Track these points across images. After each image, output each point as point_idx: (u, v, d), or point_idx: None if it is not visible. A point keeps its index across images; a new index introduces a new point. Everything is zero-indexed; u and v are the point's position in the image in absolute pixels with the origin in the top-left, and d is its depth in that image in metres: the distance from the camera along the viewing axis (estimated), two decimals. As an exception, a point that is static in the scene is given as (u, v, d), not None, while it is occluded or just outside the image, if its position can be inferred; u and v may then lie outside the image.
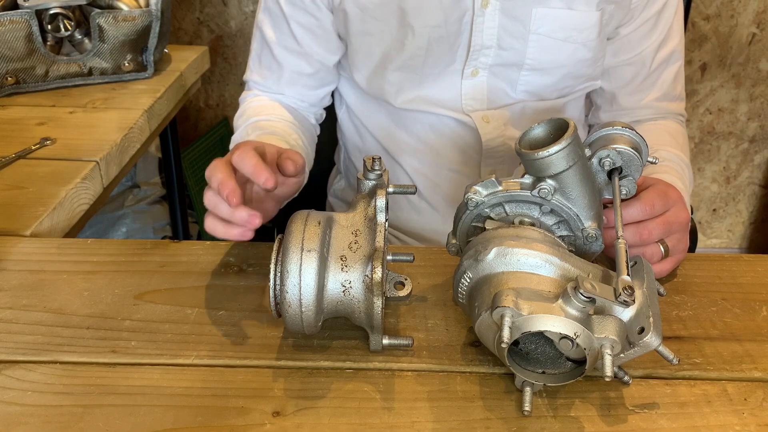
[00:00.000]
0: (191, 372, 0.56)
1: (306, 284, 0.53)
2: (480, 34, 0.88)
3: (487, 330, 0.52)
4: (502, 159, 0.98)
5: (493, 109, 0.95)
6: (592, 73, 0.95)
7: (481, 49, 0.89)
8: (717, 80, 1.91)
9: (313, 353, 0.58)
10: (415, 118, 0.97)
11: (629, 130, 0.61)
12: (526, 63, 0.91)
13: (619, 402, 0.54)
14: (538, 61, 0.90)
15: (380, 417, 0.52)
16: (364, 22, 0.90)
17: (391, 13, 0.88)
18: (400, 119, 0.98)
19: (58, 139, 1.00)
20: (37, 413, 0.52)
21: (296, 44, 0.94)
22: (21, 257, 0.71)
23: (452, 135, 0.97)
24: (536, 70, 0.91)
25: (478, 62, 0.91)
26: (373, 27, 0.90)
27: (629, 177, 0.61)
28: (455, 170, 1.00)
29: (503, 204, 0.59)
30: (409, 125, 0.98)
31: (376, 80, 0.95)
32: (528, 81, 0.93)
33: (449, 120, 0.96)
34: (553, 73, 0.92)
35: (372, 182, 0.58)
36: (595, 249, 0.60)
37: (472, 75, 0.92)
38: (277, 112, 0.95)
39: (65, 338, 0.60)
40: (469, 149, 0.98)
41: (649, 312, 0.51)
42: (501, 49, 0.89)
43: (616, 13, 0.90)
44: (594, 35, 0.89)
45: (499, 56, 0.90)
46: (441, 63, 0.91)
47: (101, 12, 1.17)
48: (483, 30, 0.88)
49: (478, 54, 0.90)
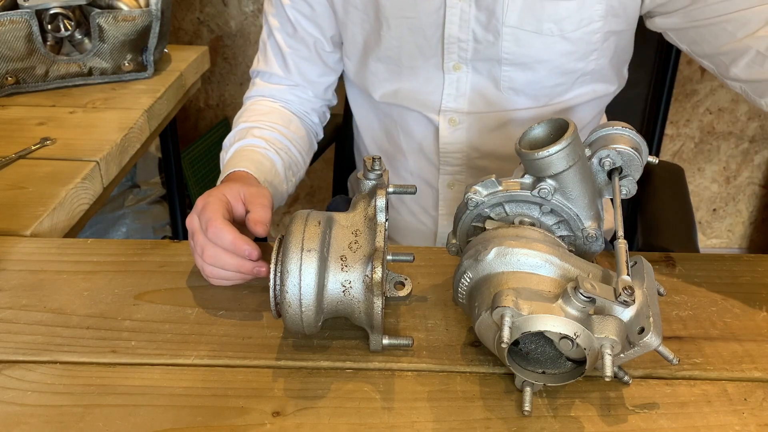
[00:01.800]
0: (191, 372, 0.56)
1: (306, 284, 0.53)
2: (453, 26, 0.87)
3: (487, 330, 0.52)
4: (460, 168, 0.96)
5: (474, 113, 0.92)
6: (587, 69, 0.89)
7: (456, 42, 0.88)
8: (717, 80, 1.91)
9: (313, 353, 0.58)
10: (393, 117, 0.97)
11: (629, 130, 0.61)
12: (504, 57, 0.87)
13: (619, 402, 0.54)
14: (514, 55, 0.87)
15: (380, 417, 0.52)
16: (347, 11, 0.91)
17: (370, 3, 0.89)
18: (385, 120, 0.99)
19: (58, 139, 1.00)
20: (37, 413, 0.52)
21: (293, 29, 0.95)
22: (21, 257, 0.71)
23: (420, 137, 0.96)
24: (515, 65, 0.88)
25: (456, 56, 0.89)
26: (355, 16, 0.91)
27: (629, 177, 0.61)
28: (418, 176, 0.99)
29: (503, 204, 0.59)
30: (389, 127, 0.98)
31: (361, 71, 0.95)
32: (511, 77, 0.89)
33: (421, 119, 0.95)
34: (535, 69, 0.88)
35: (372, 182, 0.58)
36: (595, 249, 0.60)
37: (454, 69, 0.90)
38: (272, 119, 0.95)
39: (65, 338, 0.60)
40: (432, 154, 0.97)
41: (649, 312, 0.51)
42: (477, 42, 0.87)
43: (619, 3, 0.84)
44: (573, 26, 0.85)
45: (477, 50, 0.88)
46: (419, 56, 0.90)
47: (101, 12, 1.17)
48: (456, 22, 0.86)
49: (455, 47, 0.88)
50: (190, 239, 0.68)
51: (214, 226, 0.63)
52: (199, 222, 0.66)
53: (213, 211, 0.65)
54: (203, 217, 0.65)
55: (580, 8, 0.84)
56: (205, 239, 0.64)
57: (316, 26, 0.95)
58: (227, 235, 0.63)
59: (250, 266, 0.63)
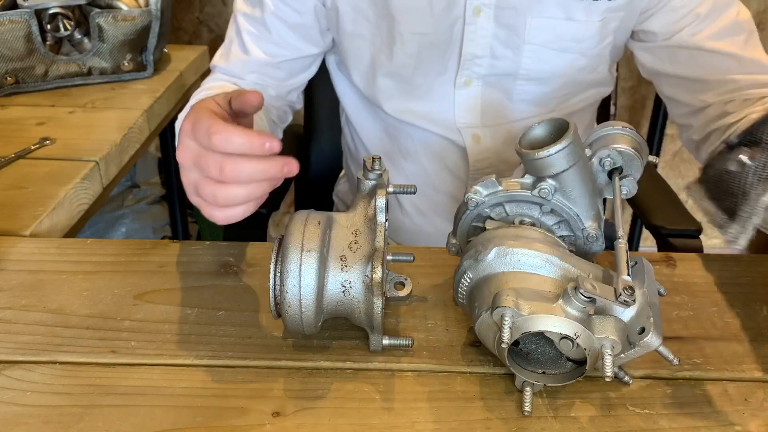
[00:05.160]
0: (191, 372, 0.56)
1: (306, 284, 0.53)
2: (471, 43, 0.85)
3: (487, 330, 0.52)
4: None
5: (488, 126, 0.92)
6: (594, 79, 0.92)
7: (473, 59, 0.87)
8: (717, 80, 1.91)
9: (313, 353, 0.58)
10: (407, 132, 0.95)
11: (629, 129, 0.61)
12: (521, 73, 0.88)
13: (620, 402, 0.54)
14: (533, 71, 0.88)
15: (380, 417, 0.52)
16: (356, 22, 0.88)
17: (382, 16, 0.86)
18: (393, 131, 0.97)
19: (57, 139, 1.00)
20: (36, 413, 0.52)
21: (268, 33, 0.90)
22: (21, 257, 0.71)
23: (441, 152, 0.95)
24: (532, 80, 0.89)
25: (471, 72, 0.88)
26: (365, 29, 0.88)
27: (630, 177, 0.61)
28: (442, 191, 0.98)
29: (503, 204, 0.59)
30: (401, 139, 0.96)
31: (369, 84, 0.93)
32: (524, 90, 0.90)
33: (439, 138, 0.93)
34: (550, 83, 0.90)
35: (372, 182, 0.58)
36: (596, 249, 0.60)
37: (465, 84, 0.89)
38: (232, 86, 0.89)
39: (65, 338, 0.60)
40: (457, 169, 0.95)
41: (649, 312, 0.50)
42: (494, 58, 0.87)
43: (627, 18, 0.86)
44: (593, 44, 0.87)
45: (493, 66, 0.87)
46: (432, 72, 0.89)
47: (101, 12, 1.17)
48: (475, 39, 0.85)
49: (471, 63, 0.87)
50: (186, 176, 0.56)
51: (217, 132, 0.51)
52: (196, 142, 0.54)
53: (208, 120, 0.53)
54: (199, 131, 0.53)
55: (602, 28, 0.86)
56: (215, 156, 0.52)
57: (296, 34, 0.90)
58: (238, 136, 0.51)
59: (278, 164, 0.52)
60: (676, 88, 0.89)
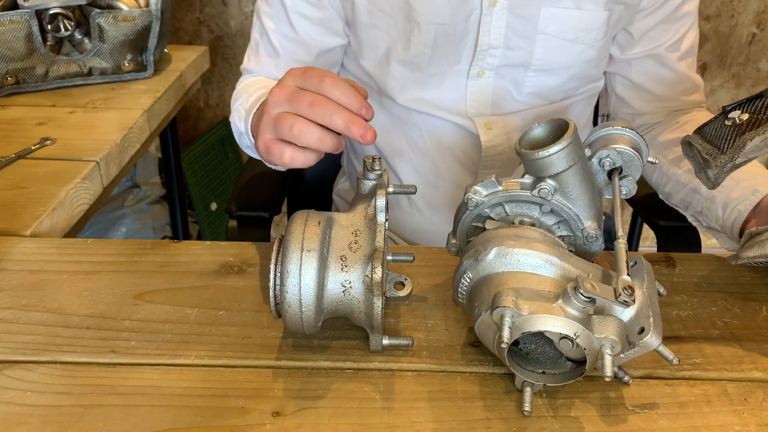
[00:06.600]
0: (191, 372, 0.56)
1: (306, 284, 0.53)
2: (487, 34, 0.87)
3: (487, 330, 0.52)
4: (500, 168, 0.97)
5: (497, 115, 0.94)
6: (596, 73, 0.95)
7: (488, 49, 0.89)
8: (717, 80, 1.91)
9: (313, 353, 0.58)
10: (415, 122, 0.96)
11: (629, 129, 0.61)
12: (533, 63, 0.90)
13: (619, 402, 0.54)
14: (545, 62, 0.90)
15: (380, 417, 0.52)
16: (372, 14, 0.89)
17: (399, 7, 0.88)
18: (400, 122, 0.97)
19: (58, 139, 1.00)
20: (36, 413, 0.52)
21: (293, 32, 0.93)
22: (21, 257, 0.71)
23: (451, 142, 0.96)
24: (543, 70, 0.91)
25: (484, 62, 0.90)
26: (380, 20, 0.89)
27: (629, 177, 0.61)
28: (450, 180, 0.99)
29: (503, 204, 0.59)
30: (408, 130, 0.97)
31: (381, 73, 0.94)
32: (534, 82, 0.92)
33: (450, 125, 0.95)
34: (559, 74, 0.92)
35: (372, 182, 0.58)
36: (595, 249, 0.60)
37: (478, 75, 0.91)
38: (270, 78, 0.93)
39: (65, 338, 0.60)
40: (467, 158, 0.97)
41: (649, 312, 0.51)
42: (508, 49, 0.89)
43: (624, 13, 0.90)
44: (601, 36, 0.89)
45: (506, 56, 0.89)
46: (446, 62, 0.90)
47: (101, 12, 1.18)
48: (490, 29, 0.87)
49: (485, 54, 0.89)
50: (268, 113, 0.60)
51: (332, 76, 0.58)
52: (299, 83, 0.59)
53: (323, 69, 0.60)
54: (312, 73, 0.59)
55: (608, 19, 0.88)
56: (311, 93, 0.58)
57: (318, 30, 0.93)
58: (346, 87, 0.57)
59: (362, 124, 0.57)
60: (631, 91, 0.97)
